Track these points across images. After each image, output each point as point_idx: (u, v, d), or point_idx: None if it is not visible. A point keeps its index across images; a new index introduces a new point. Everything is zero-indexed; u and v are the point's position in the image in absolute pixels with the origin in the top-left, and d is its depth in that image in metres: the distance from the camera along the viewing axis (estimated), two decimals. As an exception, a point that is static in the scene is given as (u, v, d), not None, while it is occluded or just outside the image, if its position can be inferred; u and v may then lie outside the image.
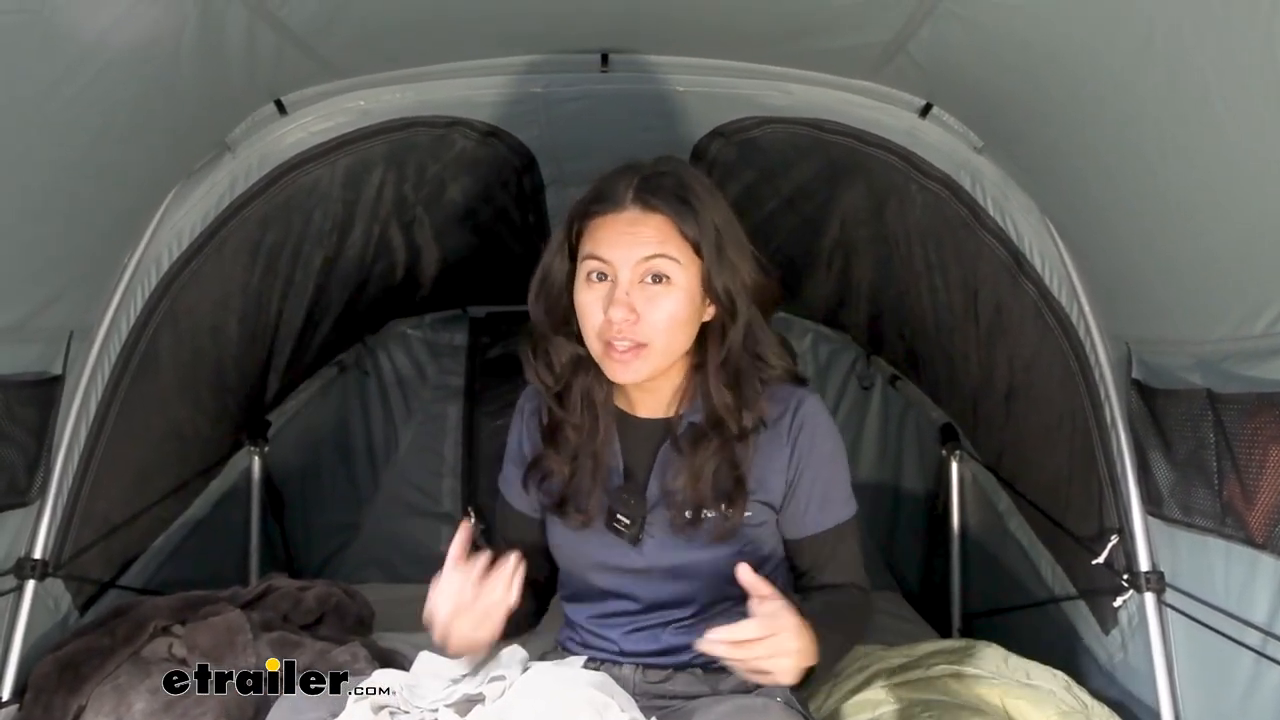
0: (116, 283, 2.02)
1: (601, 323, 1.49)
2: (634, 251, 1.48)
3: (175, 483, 2.40)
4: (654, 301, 1.48)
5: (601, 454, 1.62)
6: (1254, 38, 1.17)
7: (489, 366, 3.41)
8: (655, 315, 1.48)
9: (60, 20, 1.37)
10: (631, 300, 1.47)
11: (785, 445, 1.59)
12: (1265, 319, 1.42)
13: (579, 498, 1.61)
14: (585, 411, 1.62)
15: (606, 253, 1.49)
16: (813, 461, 1.60)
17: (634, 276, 1.48)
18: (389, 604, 2.48)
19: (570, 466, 1.62)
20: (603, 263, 1.49)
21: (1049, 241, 2.03)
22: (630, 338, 1.48)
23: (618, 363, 1.50)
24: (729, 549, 1.59)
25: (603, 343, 1.50)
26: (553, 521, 1.69)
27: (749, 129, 2.29)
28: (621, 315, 1.46)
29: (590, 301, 1.51)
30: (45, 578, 1.91)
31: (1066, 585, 2.17)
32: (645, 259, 1.48)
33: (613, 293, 1.48)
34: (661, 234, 1.49)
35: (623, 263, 1.48)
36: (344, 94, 2.17)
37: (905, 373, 3.06)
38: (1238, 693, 1.59)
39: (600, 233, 1.51)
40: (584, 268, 1.52)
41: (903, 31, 1.75)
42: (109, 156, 1.72)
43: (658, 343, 1.50)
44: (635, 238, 1.48)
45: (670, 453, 1.59)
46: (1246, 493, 1.53)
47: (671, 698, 1.61)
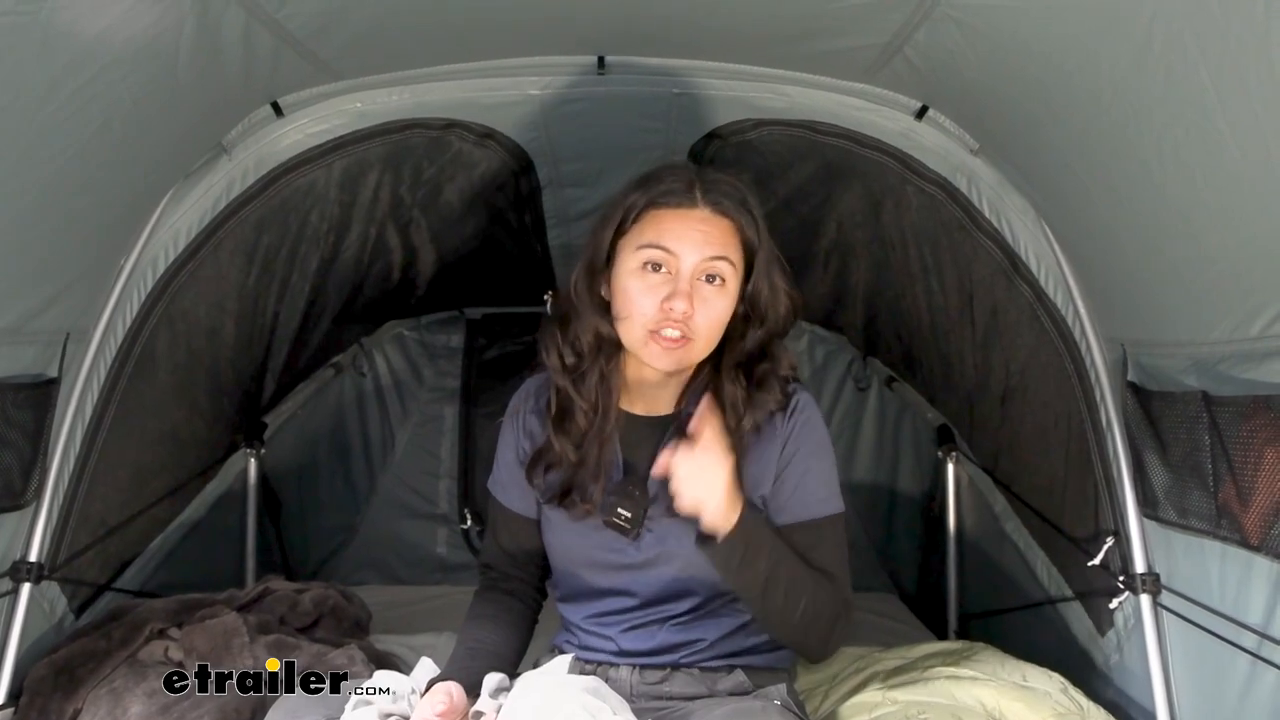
0: (113, 285, 2.01)
1: (655, 312, 1.53)
2: (703, 249, 1.54)
3: (171, 485, 2.39)
4: (708, 302, 1.55)
5: (606, 445, 1.63)
6: (1251, 42, 1.17)
7: (485, 368, 3.41)
8: (706, 313, 1.55)
9: (57, 22, 1.37)
10: (691, 293, 1.53)
11: (779, 439, 1.63)
12: (1261, 321, 1.42)
13: (583, 488, 1.63)
14: (600, 395, 1.64)
15: (674, 244, 1.53)
16: (801, 453, 1.63)
17: (695, 273, 1.54)
18: (386, 606, 2.49)
19: (577, 454, 1.64)
20: (668, 254, 1.54)
21: (1044, 244, 2.03)
22: (683, 329, 1.53)
23: (664, 350, 1.54)
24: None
25: (648, 330, 1.54)
26: (550, 520, 1.69)
27: (745, 131, 2.29)
28: (684, 307, 1.51)
29: (643, 289, 1.54)
30: (41, 580, 1.90)
31: (1062, 587, 2.18)
32: (710, 258, 1.54)
33: (672, 284, 1.53)
34: (726, 237, 1.56)
35: (689, 257, 1.53)
36: (341, 96, 2.17)
37: (902, 374, 3.07)
38: (1233, 694, 1.59)
39: (667, 224, 1.55)
40: (640, 255, 1.55)
41: (899, 34, 1.75)
42: (105, 158, 1.72)
43: (700, 340, 1.56)
44: (706, 236, 1.54)
45: (672, 445, 1.60)
46: (1241, 495, 1.53)
47: (669, 699, 1.61)
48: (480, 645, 1.63)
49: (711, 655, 1.65)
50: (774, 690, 1.63)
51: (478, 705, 1.41)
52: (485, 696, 1.44)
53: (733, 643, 1.66)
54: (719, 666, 1.65)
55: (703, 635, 1.64)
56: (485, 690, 1.45)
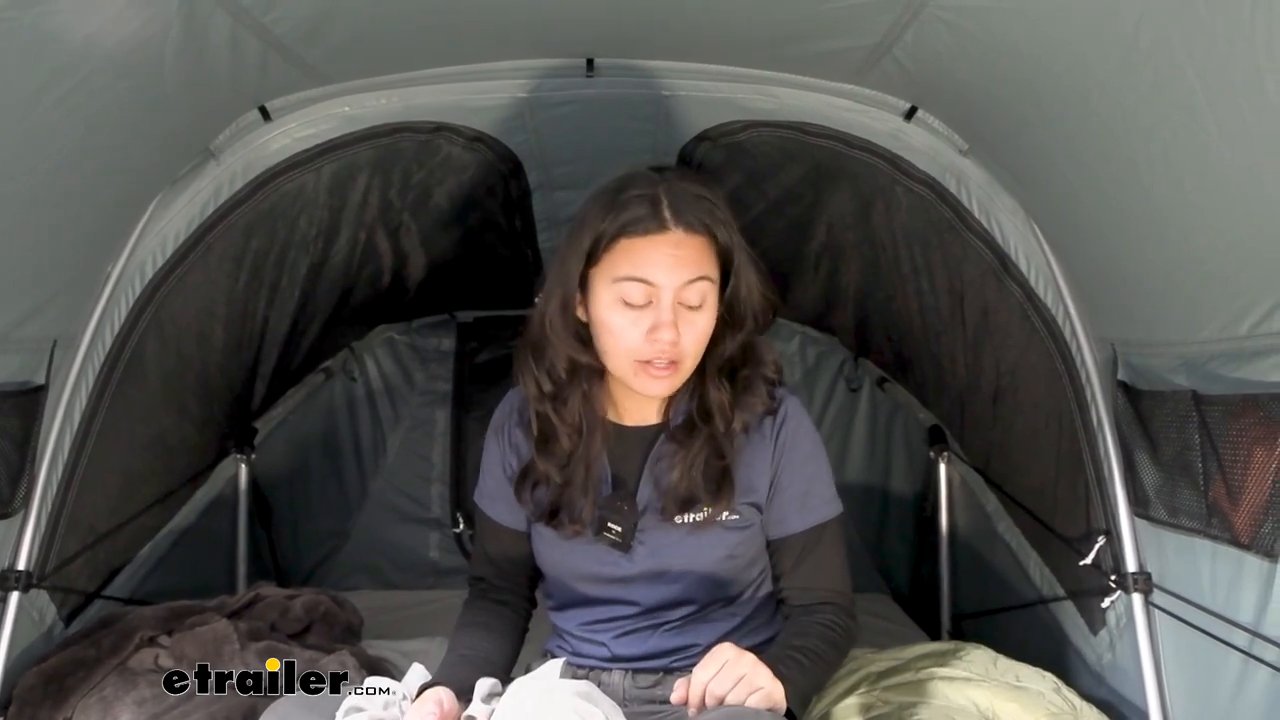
0: (100, 291, 2.00)
1: (641, 344, 1.50)
2: (680, 275, 1.49)
3: (161, 491, 2.38)
4: (692, 324, 1.52)
5: (593, 464, 1.62)
6: (1238, 43, 1.17)
7: (477, 372, 3.40)
8: (692, 334, 1.52)
9: (44, 28, 1.36)
10: (676, 322, 1.49)
11: (769, 445, 1.62)
12: (1249, 321, 1.42)
13: (572, 507, 1.61)
14: (583, 418, 1.62)
15: (652, 275, 1.49)
16: (794, 460, 1.62)
17: (676, 299, 1.50)
18: (378, 611, 2.48)
19: (562, 475, 1.62)
20: (648, 285, 1.49)
21: (1034, 244, 2.04)
22: (671, 357, 1.50)
23: (655, 379, 1.52)
24: (719, 551, 1.59)
25: (637, 362, 1.51)
26: (540, 534, 1.68)
27: (735, 133, 2.29)
28: (671, 337, 1.48)
29: (627, 325, 1.50)
30: (30, 589, 1.89)
31: (1055, 586, 2.18)
32: (689, 282, 1.50)
33: (655, 314, 1.49)
34: (702, 255, 1.52)
35: (668, 285, 1.49)
36: (329, 100, 2.16)
37: (893, 375, 3.07)
38: (1225, 692, 1.59)
39: (641, 253, 1.49)
40: (618, 290, 1.50)
41: (888, 36, 1.75)
42: (92, 164, 1.71)
43: (689, 360, 1.53)
44: (681, 260, 1.50)
45: (663, 447, 1.61)
46: (1231, 494, 1.54)
47: (662, 703, 1.61)
48: (472, 652, 1.62)
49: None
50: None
51: (470, 710, 1.41)
52: (477, 702, 1.43)
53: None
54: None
55: (696, 640, 1.64)
56: (477, 695, 1.44)
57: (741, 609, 1.67)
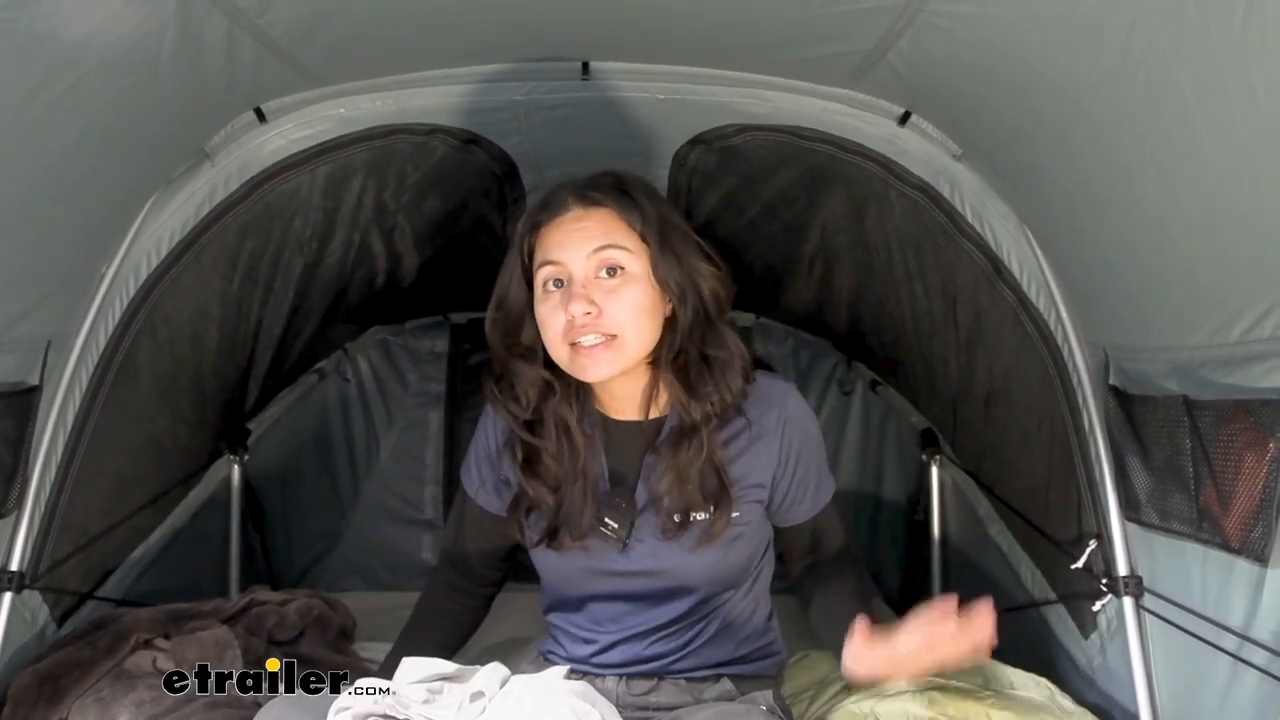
0: (94, 291, 2.00)
1: (564, 324, 1.48)
2: (583, 246, 1.49)
3: (154, 492, 2.37)
4: (614, 294, 1.49)
5: (589, 468, 1.61)
6: (1229, 48, 1.18)
7: (470, 373, 3.40)
8: (617, 306, 1.49)
9: (39, 29, 1.36)
10: (590, 294, 1.48)
11: (774, 440, 1.61)
12: (1240, 326, 1.43)
13: (571, 523, 1.60)
14: (561, 436, 1.61)
15: (557, 254, 1.50)
16: (805, 452, 1.64)
17: (588, 271, 1.49)
18: (371, 613, 2.47)
19: (555, 497, 1.61)
20: (556, 265, 1.50)
21: (1027, 249, 2.04)
22: (597, 330, 1.48)
23: (587, 359, 1.49)
24: (717, 553, 1.60)
25: (568, 345, 1.50)
26: (541, 553, 1.68)
27: (729, 136, 2.29)
28: (582, 308, 1.47)
29: (550, 310, 1.51)
30: (22, 589, 1.88)
31: (1046, 590, 2.19)
32: (595, 251, 1.49)
33: (569, 292, 1.49)
34: (606, 225, 1.51)
35: (574, 259, 1.49)
36: (324, 102, 2.15)
37: (886, 378, 3.08)
38: (1215, 696, 1.60)
39: (549, 238, 1.52)
40: (540, 278, 1.53)
41: (883, 41, 1.76)
42: (87, 164, 1.71)
43: (626, 333, 1.50)
44: (583, 233, 1.50)
45: (654, 457, 1.60)
46: (1222, 498, 1.55)
47: (655, 709, 1.61)
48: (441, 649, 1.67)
49: (698, 664, 1.65)
50: (760, 696, 1.63)
51: (478, 684, 1.40)
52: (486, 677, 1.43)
53: (719, 652, 1.66)
54: (705, 676, 1.65)
55: (690, 645, 1.64)
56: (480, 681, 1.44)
57: (735, 606, 1.67)
